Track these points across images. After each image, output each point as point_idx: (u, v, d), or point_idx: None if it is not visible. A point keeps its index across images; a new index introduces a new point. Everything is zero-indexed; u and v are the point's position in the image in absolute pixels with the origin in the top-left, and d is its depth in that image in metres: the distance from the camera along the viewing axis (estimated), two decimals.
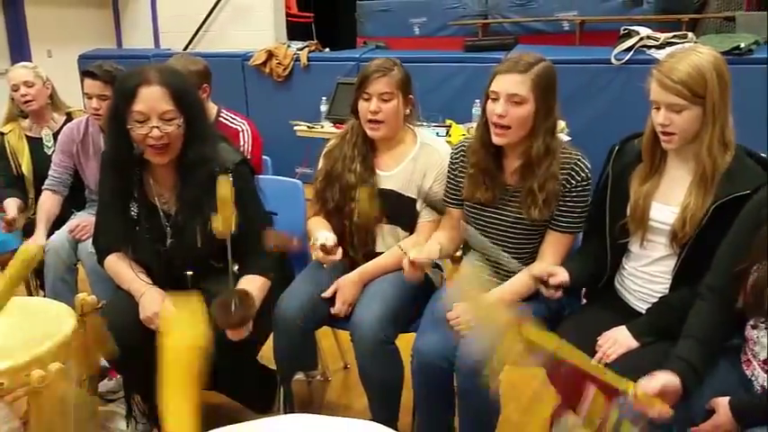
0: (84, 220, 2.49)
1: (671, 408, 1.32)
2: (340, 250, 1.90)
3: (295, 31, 6.68)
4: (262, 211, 1.95)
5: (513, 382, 1.78)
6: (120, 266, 1.91)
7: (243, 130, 2.60)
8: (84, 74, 2.54)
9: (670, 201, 1.60)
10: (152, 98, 1.69)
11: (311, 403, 2.13)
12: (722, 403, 1.32)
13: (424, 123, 3.99)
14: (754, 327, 1.38)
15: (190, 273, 1.87)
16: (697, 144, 1.53)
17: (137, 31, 7.35)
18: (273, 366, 2.00)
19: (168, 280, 1.89)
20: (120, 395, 2.21)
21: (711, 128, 1.50)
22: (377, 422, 1.25)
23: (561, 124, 3.79)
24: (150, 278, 1.89)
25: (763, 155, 1.61)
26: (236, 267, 1.81)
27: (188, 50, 6.49)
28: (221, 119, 2.64)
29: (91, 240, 2.28)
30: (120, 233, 1.88)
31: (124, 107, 1.71)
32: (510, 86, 1.70)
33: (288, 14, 6.72)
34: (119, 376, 2.22)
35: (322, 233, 1.93)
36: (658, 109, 1.54)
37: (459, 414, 1.78)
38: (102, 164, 1.92)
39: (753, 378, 1.38)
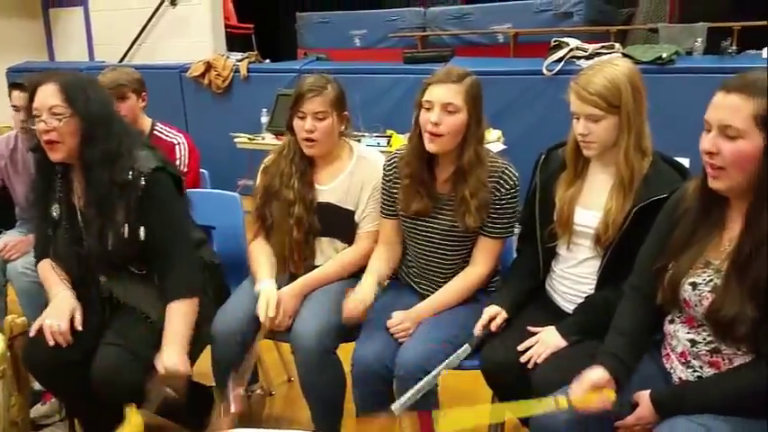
0: (13, 239, 2.42)
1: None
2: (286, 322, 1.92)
3: (234, 42, 6.63)
4: (182, 220, 1.92)
5: (450, 384, 1.82)
6: (47, 272, 1.89)
7: (179, 143, 2.58)
8: (13, 86, 2.48)
9: (593, 205, 1.68)
10: (43, 95, 1.75)
11: (252, 417, 2.11)
12: (644, 396, 1.39)
13: (366, 134, 4.04)
14: (671, 321, 1.47)
15: (103, 279, 1.86)
16: (615, 151, 1.62)
17: (69, 43, 7.14)
18: (209, 381, 1.99)
19: (87, 284, 1.87)
20: (55, 420, 2.15)
21: (627, 136, 1.59)
22: None
23: (497, 133, 3.93)
24: (71, 282, 1.86)
25: (680, 159, 1.71)
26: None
27: (123, 63, 6.36)
28: (156, 132, 2.61)
29: (20, 261, 2.22)
30: (48, 237, 1.88)
31: (29, 106, 1.78)
32: (444, 96, 1.76)
33: (227, 26, 6.67)
34: (53, 400, 2.16)
35: (265, 293, 1.90)
36: (578, 119, 1.62)
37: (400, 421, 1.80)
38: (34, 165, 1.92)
39: (671, 371, 1.46)
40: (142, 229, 1.79)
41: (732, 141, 1.26)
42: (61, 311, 1.77)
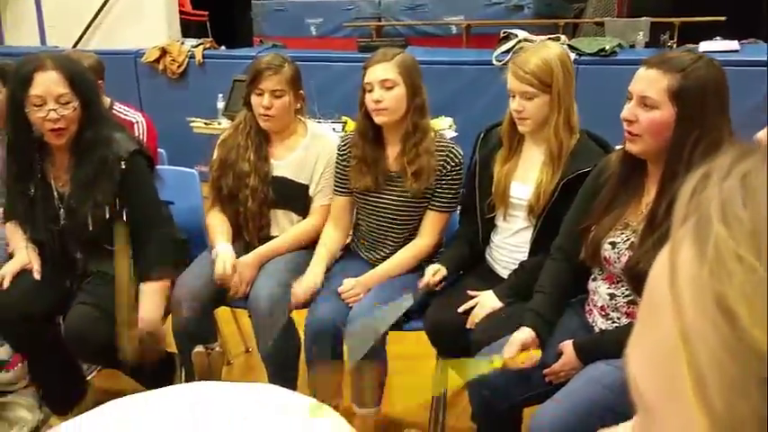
0: None
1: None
2: (236, 276, 2.01)
3: (189, 29, 6.62)
4: (158, 200, 2.02)
5: (397, 349, 1.95)
6: (14, 234, 2.01)
7: (137, 122, 2.63)
8: None
9: (527, 179, 1.83)
10: (48, 82, 1.78)
11: (211, 374, 2.20)
12: (567, 345, 1.55)
13: (321, 120, 4.13)
14: (593, 279, 1.63)
15: (79, 256, 1.96)
16: (547, 128, 1.77)
17: (20, 27, 6.98)
18: (171, 348, 2.07)
19: (62, 260, 1.96)
20: (19, 386, 2.20)
21: (557, 113, 1.74)
22: None
23: (449, 120, 4.08)
24: (43, 257, 1.96)
25: (619, 147, 1.86)
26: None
27: (78, 48, 6.28)
28: (115, 111, 2.65)
29: None
30: (21, 212, 1.96)
31: (21, 93, 1.79)
32: (381, 74, 1.90)
33: (181, 12, 6.64)
34: (18, 366, 2.22)
35: (222, 254, 2.00)
36: (514, 96, 1.77)
37: (351, 374, 1.93)
38: (6, 148, 1.96)
39: (593, 324, 1.62)
40: (125, 210, 1.89)
41: (649, 111, 1.41)
42: (15, 263, 1.92)
